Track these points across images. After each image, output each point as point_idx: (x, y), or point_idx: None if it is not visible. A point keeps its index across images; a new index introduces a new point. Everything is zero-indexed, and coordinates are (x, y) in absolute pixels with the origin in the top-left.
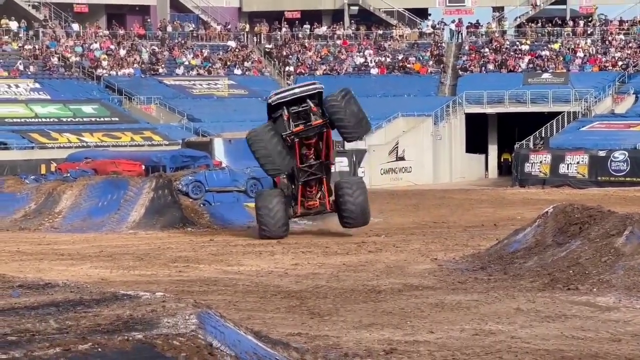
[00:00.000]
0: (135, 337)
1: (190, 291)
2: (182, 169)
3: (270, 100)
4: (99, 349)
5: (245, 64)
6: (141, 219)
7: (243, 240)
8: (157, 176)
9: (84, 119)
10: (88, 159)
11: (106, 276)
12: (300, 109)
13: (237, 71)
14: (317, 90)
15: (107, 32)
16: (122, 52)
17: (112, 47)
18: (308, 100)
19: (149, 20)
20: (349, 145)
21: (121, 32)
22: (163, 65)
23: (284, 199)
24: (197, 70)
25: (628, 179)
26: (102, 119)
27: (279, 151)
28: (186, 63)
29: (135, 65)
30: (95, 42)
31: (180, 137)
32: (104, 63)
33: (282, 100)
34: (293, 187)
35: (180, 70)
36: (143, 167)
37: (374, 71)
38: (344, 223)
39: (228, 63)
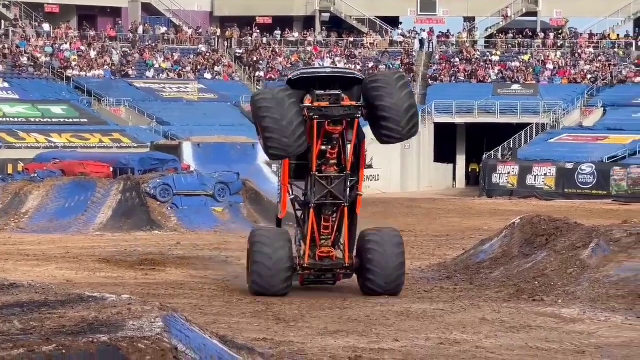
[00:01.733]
0: (100, 340)
1: (156, 294)
2: (151, 172)
3: (291, 75)
4: (63, 351)
5: (216, 68)
6: (108, 221)
7: (210, 244)
8: (125, 178)
9: (53, 120)
10: (56, 160)
11: (72, 277)
12: (328, 94)
13: (208, 75)
14: (354, 76)
15: (77, 33)
16: (93, 54)
17: (83, 48)
18: (340, 93)
19: (120, 22)
20: None
21: (92, 33)
22: (133, 68)
23: (289, 243)
24: (168, 74)
25: (595, 191)
26: (71, 120)
27: (297, 125)
28: (157, 66)
29: (105, 67)
30: (66, 43)
31: (149, 140)
32: (74, 64)
33: (307, 75)
34: (302, 216)
35: (150, 73)
36: (111, 169)
37: None
38: (367, 288)
39: (198, 67)
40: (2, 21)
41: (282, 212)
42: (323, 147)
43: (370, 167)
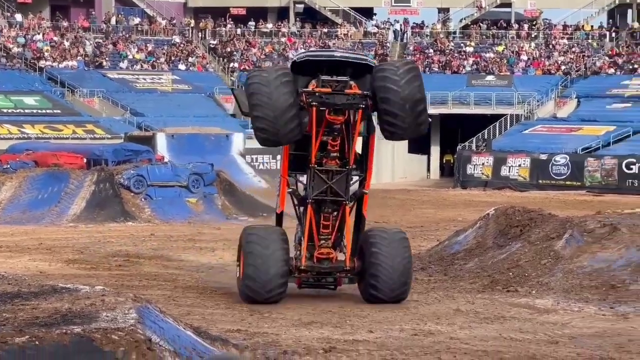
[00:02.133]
0: (73, 331)
1: (130, 285)
2: (124, 163)
3: (296, 57)
4: (37, 342)
5: (190, 59)
6: (82, 212)
7: (184, 235)
8: (98, 170)
9: (26, 111)
10: (29, 151)
11: (45, 269)
12: (335, 80)
13: (181, 66)
14: (364, 62)
15: (50, 24)
16: (66, 44)
17: (56, 38)
18: (348, 80)
19: (93, 13)
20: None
21: (65, 24)
22: (107, 59)
23: (286, 244)
24: (141, 65)
25: (568, 182)
26: (44, 111)
27: (286, 107)
28: (130, 57)
29: (78, 57)
30: (39, 34)
31: (122, 131)
32: (47, 55)
33: (313, 58)
34: (300, 210)
35: (124, 64)
36: (85, 160)
37: None
38: (369, 295)
39: (172, 58)
40: None
41: (280, 206)
42: (324, 138)
43: None
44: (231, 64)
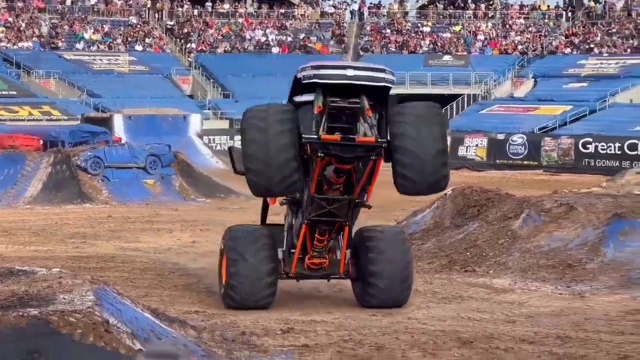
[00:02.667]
0: (30, 313)
1: (87, 267)
2: (81, 145)
3: (300, 75)
4: None
5: (147, 40)
6: (38, 194)
7: (141, 217)
8: (55, 151)
9: None
10: None
11: (1, 251)
12: (346, 105)
13: (138, 47)
14: (381, 84)
15: (5, 4)
16: (21, 25)
17: (10, 19)
18: (363, 98)
19: None
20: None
21: (20, 4)
22: (63, 40)
23: (272, 248)
24: (98, 46)
25: (525, 162)
26: None
27: (286, 159)
28: (87, 38)
29: (34, 38)
30: None
31: (79, 113)
32: (2, 35)
33: (321, 81)
34: (293, 221)
35: (80, 45)
36: (41, 142)
37: (275, 50)
38: (366, 299)
39: (129, 39)
40: None
41: (272, 201)
42: (327, 175)
43: None
44: (188, 45)
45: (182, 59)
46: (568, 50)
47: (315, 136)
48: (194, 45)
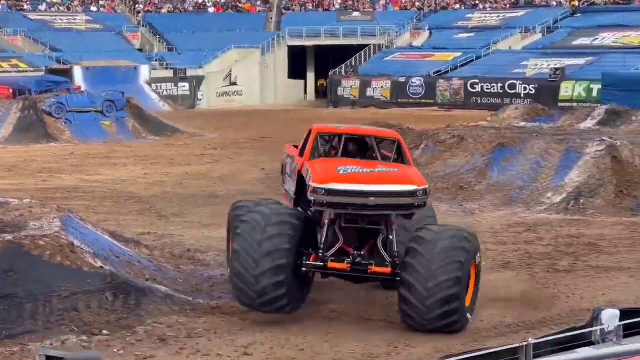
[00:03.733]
0: (5, 238)
1: (53, 197)
2: (46, 92)
3: (311, 197)
4: None
5: (100, 1)
6: (9, 135)
7: (100, 153)
8: (23, 98)
9: None
10: None
11: None
12: (365, 226)
13: (93, 8)
14: (408, 211)
15: None
16: None
17: None
18: (383, 223)
19: None
20: (189, 72)
21: None
22: (27, 2)
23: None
24: (58, 7)
25: (423, 100)
26: None
27: (274, 267)
28: (48, 0)
29: (2, 1)
30: None
31: (43, 65)
32: None
33: (335, 210)
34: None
35: (42, 7)
36: (11, 90)
37: (211, 9)
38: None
39: (85, 1)
40: None
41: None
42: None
43: (235, 84)
44: (137, 6)
45: (131, 18)
46: (457, 5)
47: (321, 263)
48: (141, 6)
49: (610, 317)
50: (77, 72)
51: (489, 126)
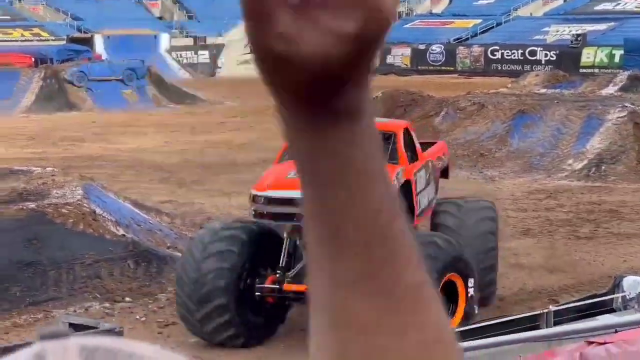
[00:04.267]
0: (29, 207)
1: (76, 166)
2: (68, 61)
3: (252, 209)
4: None
5: None
6: (32, 104)
7: (121, 122)
8: (45, 67)
9: None
10: None
11: (2, 154)
12: None
13: None
14: None
15: None
16: None
17: None
18: None
19: None
20: (209, 40)
21: None
22: None
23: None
24: None
25: (443, 68)
26: None
27: (218, 289)
28: None
29: None
30: None
31: (65, 34)
32: None
33: (275, 222)
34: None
35: None
36: (33, 59)
37: None
38: None
39: None
40: None
41: None
42: None
43: None
44: None
45: None
46: None
47: (277, 286)
48: None
49: (632, 285)
50: (98, 41)
51: (509, 93)
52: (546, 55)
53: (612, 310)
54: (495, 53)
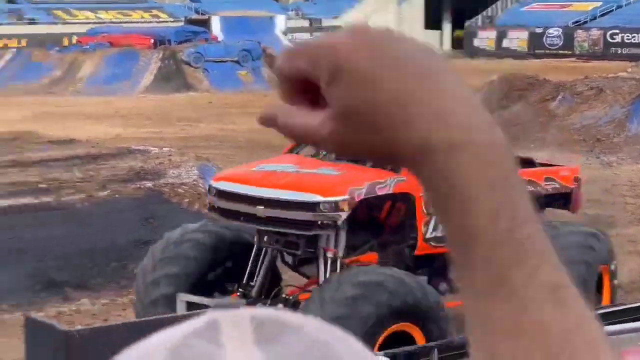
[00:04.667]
0: (146, 186)
1: (192, 146)
2: (185, 43)
3: (208, 201)
4: (116, 195)
5: None
6: (150, 84)
7: (237, 103)
8: (163, 48)
9: None
10: (104, 34)
11: (121, 133)
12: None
13: None
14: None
15: None
16: None
17: None
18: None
19: None
20: (325, 22)
21: None
22: None
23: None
24: None
25: (561, 51)
26: None
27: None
28: None
29: None
30: None
31: (183, 15)
32: None
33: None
34: None
35: None
36: (152, 40)
37: None
38: None
39: None
40: None
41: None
42: None
43: None
44: None
45: None
46: None
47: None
48: None
49: None
50: (215, 23)
51: (629, 77)
52: None
53: None
54: (614, 36)
